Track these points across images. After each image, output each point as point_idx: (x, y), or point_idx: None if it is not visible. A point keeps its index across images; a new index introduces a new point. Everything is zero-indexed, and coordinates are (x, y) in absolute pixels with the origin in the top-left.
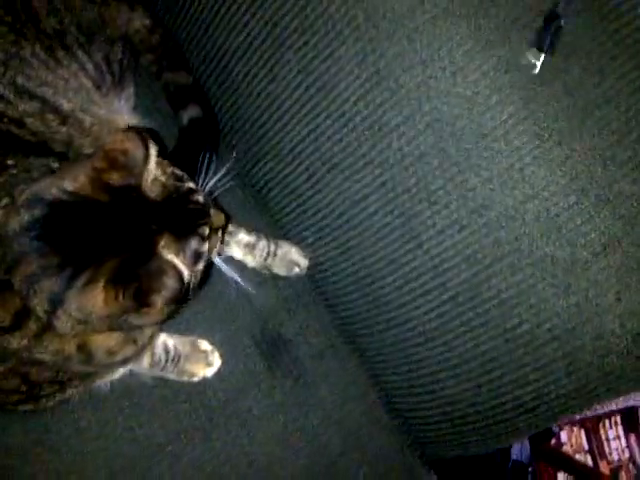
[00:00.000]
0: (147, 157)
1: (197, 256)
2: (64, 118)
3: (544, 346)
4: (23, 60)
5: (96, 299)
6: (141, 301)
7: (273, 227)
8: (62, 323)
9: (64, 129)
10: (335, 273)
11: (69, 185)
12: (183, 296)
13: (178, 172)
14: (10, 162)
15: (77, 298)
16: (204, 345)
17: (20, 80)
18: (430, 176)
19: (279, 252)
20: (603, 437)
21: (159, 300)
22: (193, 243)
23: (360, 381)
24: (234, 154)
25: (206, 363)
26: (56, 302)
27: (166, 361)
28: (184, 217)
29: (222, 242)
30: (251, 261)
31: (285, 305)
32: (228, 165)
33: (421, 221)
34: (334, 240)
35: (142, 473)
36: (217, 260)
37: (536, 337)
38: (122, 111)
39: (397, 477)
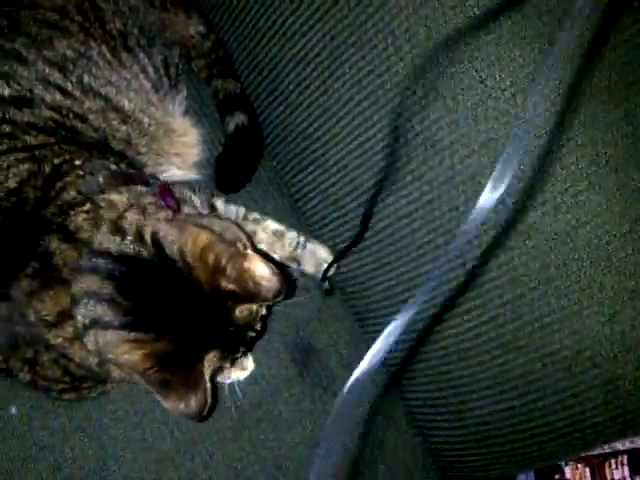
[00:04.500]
0: (267, 301)
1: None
2: (125, 117)
3: (583, 373)
4: (90, 60)
5: (129, 356)
6: (160, 389)
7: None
8: (88, 341)
9: (124, 128)
10: (368, 288)
11: (189, 248)
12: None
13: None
14: (77, 162)
15: (116, 343)
16: None
17: (87, 79)
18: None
19: (309, 245)
20: (608, 477)
21: (172, 403)
22: (228, 363)
23: (387, 395)
24: (275, 163)
25: (241, 367)
26: (95, 326)
27: None
28: (239, 342)
29: None
30: (279, 250)
31: (318, 315)
32: None
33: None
34: (371, 254)
35: (177, 466)
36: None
37: (576, 363)
38: (175, 114)
39: None
